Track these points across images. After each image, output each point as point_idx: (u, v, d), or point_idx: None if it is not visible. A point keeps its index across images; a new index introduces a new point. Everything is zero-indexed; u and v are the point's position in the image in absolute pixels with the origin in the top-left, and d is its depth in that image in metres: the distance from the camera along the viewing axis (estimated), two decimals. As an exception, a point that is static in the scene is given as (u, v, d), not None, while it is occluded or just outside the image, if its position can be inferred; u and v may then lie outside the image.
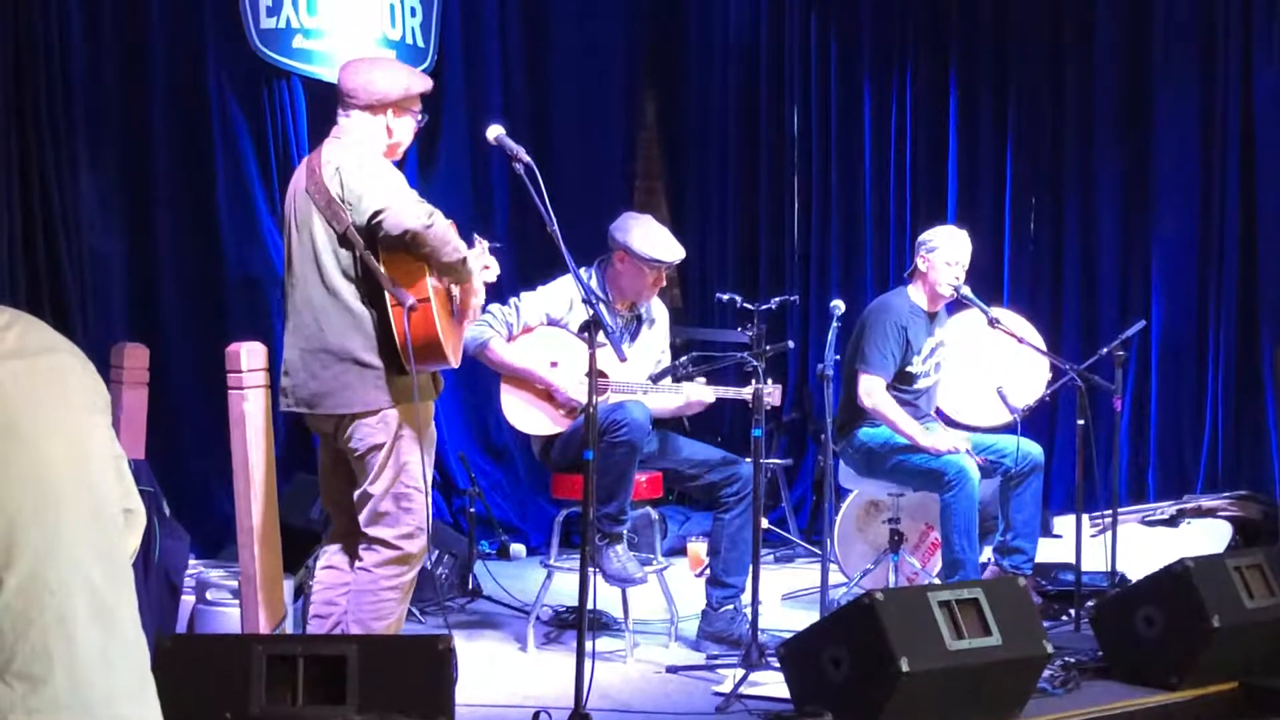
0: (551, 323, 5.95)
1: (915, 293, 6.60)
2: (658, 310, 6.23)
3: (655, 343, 6.17)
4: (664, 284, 6.08)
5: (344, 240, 4.53)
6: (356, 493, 4.67)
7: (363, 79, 4.71)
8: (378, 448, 4.59)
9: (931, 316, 6.61)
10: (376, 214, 4.45)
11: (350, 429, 4.61)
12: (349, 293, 4.55)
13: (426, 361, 4.55)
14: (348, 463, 4.72)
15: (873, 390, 6.43)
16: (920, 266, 6.58)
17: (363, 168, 4.56)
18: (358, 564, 4.69)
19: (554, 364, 5.88)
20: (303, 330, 4.64)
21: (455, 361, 4.69)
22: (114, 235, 6.95)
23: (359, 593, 4.66)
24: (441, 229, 4.48)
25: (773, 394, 5.84)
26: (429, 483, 4.74)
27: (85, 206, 6.73)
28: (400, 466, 4.60)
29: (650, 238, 5.91)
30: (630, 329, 6.11)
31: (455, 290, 4.76)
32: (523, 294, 6.02)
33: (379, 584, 4.62)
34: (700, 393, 5.90)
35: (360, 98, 4.68)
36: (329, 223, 4.54)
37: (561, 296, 5.90)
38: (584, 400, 5.75)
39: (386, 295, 4.48)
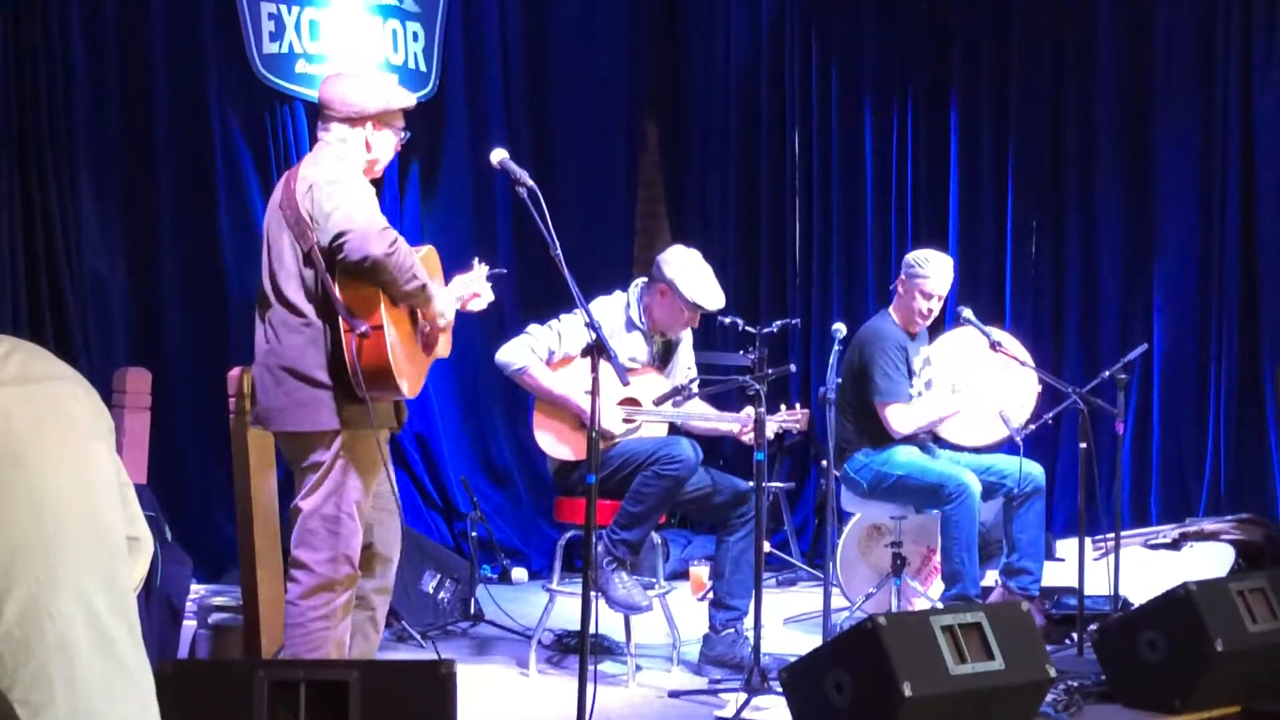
0: None
1: (895, 315, 6.60)
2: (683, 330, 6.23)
3: (683, 362, 6.20)
4: (696, 324, 6.09)
5: (307, 259, 4.48)
6: (291, 506, 4.63)
7: (340, 90, 4.67)
8: (316, 465, 4.53)
9: (913, 336, 6.61)
10: (339, 236, 4.39)
11: (298, 445, 4.58)
12: (309, 310, 4.49)
13: (378, 388, 4.48)
14: None
15: (900, 418, 6.43)
16: (900, 290, 6.58)
17: (334, 186, 4.48)
18: (286, 596, 4.61)
19: (588, 391, 5.85)
20: (264, 345, 4.61)
21: (409, 392, 4.60)
22: (116, 260, 6.97)
23: (290, 627, 4.56)
24: (401, 257, 4.41)
25: (800, 419, 5.88)
26: (397, 504, 4.73)
27: (87, 232, 6.75)
28: (335, 488, 4.53)
29: (696, 280, 5.90)
30: (661, 354, 6.13)
31: (423, 319, 4.71)
32: (563, 317, 5.95)
33: (306, 616, 4.52)
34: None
35: (338, 109, 4.64)
36: (296, 240, 4.49)
37: (603, 323, 5.85)
38: (618, 430, 5.80)
39: (340, 319, 4.44)
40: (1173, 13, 7.98)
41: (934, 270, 6.50)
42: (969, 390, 6.61)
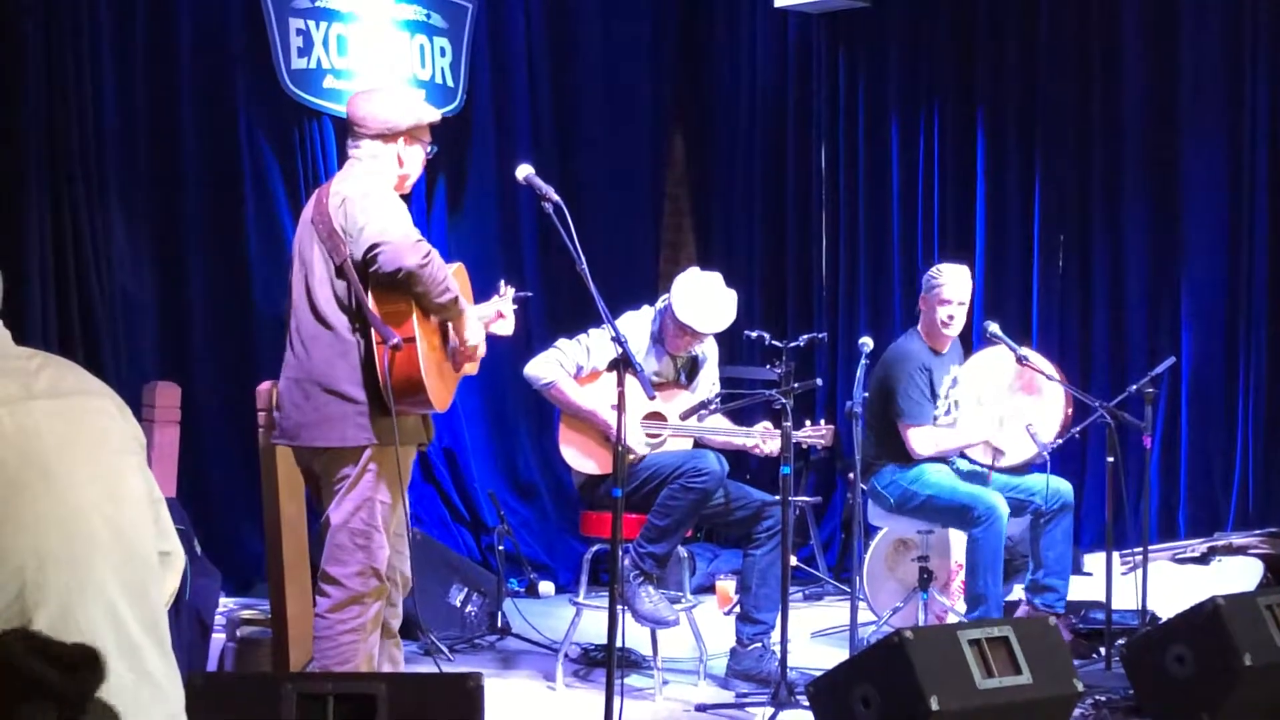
0: None
1: (921, 333, 6.60)
2: (709, 345, 6.23)
3: (708, 378, 6.20)
4: (694, 345, 6.09)
5: (340, 272, 4.50)
6: (321, 519, 4.65)
7: (373, 107, 4.69)
8: (345, 477, 4.55)
9: (940, 353, 6.59)
10: (373, 248, 4.41)
11: (326, 459, 4.60)
12: (341, 324, 4.51)
13: (408, 402, 4.51)
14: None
15: (923, 440, 6.43)
16: (922, 306, 6.59)
17: (368, 199, 4.51)
18: (315, 609, 4.64)
19: (615, 406, 5.86)
20: (292, 360, 4.62)
21: (439, 405, 4.61)
22: (145, 275, 7.00)
23: (319, 640, 4.58)
24: (435, 269, 4.43)
25: (825, 435, 5.89)
26: (406, 525, 4.73)
27: (116, 247, 6.79)
28: (363, 501, 4.54)
29: (693, 301, 5.91)
30: (686, 369, 6.14)
31: (453, 337, 4.72)
32: (591, 331, 5.96)
33: (335, 629, 4.54)
34: (771, 444, 5.90)
35: (371, 126, 4.65)
36: (329, 254, 4.52)
37: (630, 338, 5.84)
38: (641, 450, 5.80)
39: (372, 331, 4.46)
40: (1199, 26, 7.95)
41: (948, 278, 6.51)
42: (994, 418, 6.59)
